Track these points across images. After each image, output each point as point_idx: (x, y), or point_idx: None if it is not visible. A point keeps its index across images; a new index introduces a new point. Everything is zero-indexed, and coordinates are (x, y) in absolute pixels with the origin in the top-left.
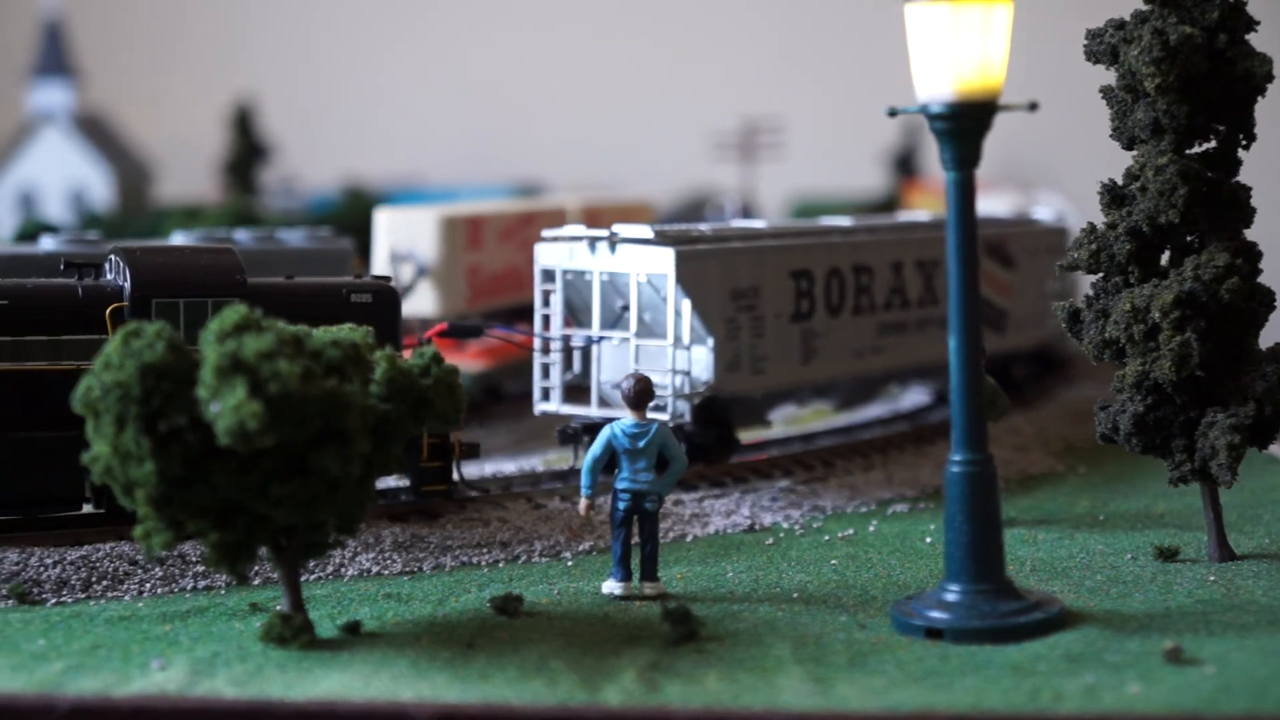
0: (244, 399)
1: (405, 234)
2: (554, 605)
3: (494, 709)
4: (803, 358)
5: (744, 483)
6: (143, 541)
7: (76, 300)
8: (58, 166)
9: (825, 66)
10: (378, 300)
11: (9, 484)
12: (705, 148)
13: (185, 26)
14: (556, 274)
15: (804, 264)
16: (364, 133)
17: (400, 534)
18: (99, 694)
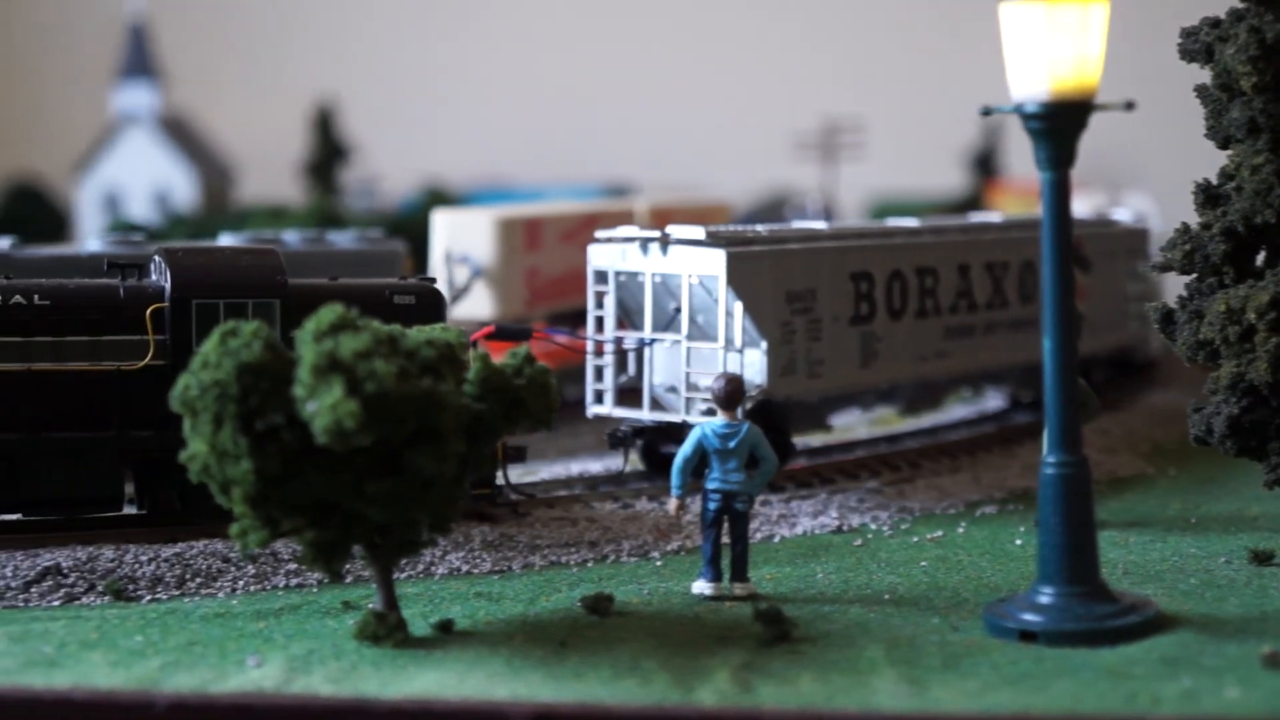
0: (341, 398)
1: (462, 236)
2: (644, 605)
3: (589, 708)
4: (862, 361)
5: (831, 484)
6: (239, 539)
7: (117, 301)
8: (142, 167)
9: (906, 65)
10: (421, 302)
11: (48, 484)
12: (786, 148)
13: (267, 28)
14: (609, 275)
15: (863, 266)
16: (446, 133)
17: (489, 533)
18: (197, 690)
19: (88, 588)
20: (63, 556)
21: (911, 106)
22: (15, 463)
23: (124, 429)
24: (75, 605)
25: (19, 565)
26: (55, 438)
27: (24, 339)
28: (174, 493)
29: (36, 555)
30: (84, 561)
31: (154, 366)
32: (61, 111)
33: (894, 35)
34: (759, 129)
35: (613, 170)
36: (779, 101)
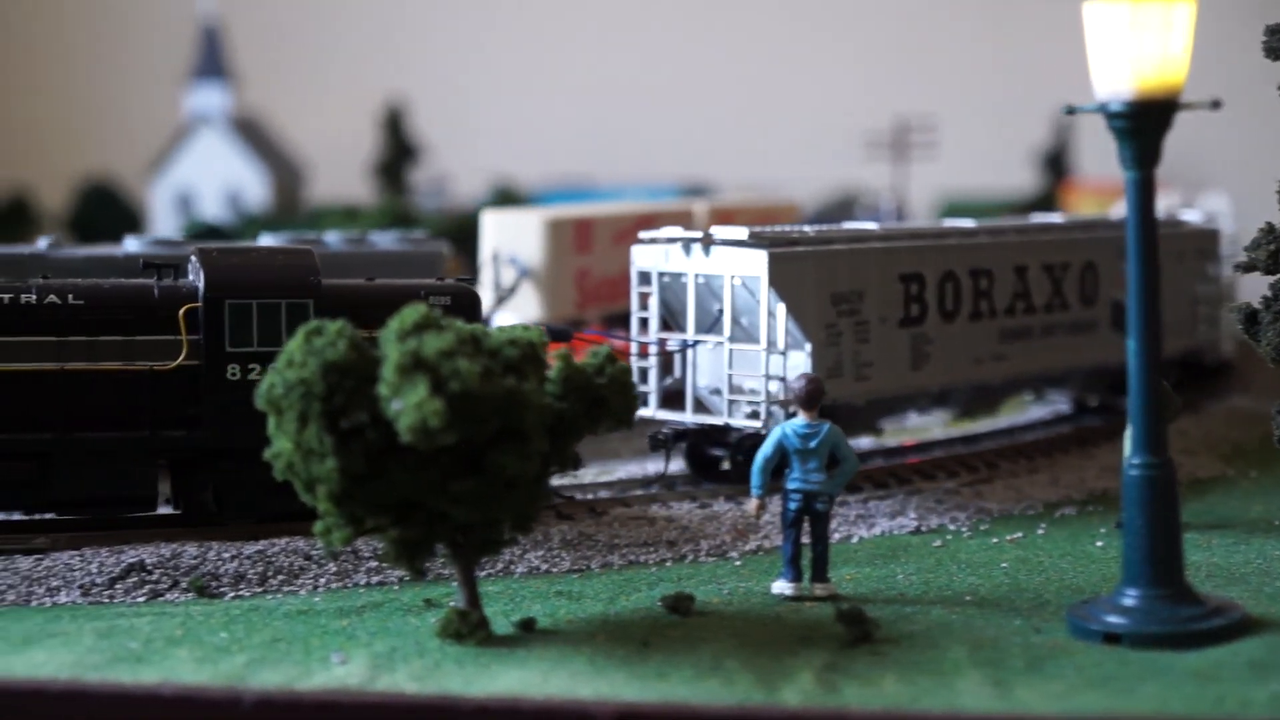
0: (426, 397)
1: (510, 236)
2: (725, 605)
3: (674, 708)
4: (913, 364)
5: (908, 484)
6: (323, 537)
7: (151, 301)
8: (214, 168)
9: (978, 63)
10: (457, 302)
11: (81, 484)
12: (858, 147)
13: (337, 29)
14: (653, 277)
15: (914, 267)
16: (518, 133)
17: (568, 532)
18: (283, 687)
19: (171, 584)
20: (147, 553)
21: (983, 105)
22: (49, 462)
23: (157, 429)
24: (159, 601)
25: (104, 562)
26: (88, 438)
27: (58, 339)
28: (208, 492)
29: (121, 552)
30: (168, 558)
31: (187, 366)
32: (135, 112)
33: (966, 33)
34: (832, 128)
35: (691, 170)
36: (851, 100)
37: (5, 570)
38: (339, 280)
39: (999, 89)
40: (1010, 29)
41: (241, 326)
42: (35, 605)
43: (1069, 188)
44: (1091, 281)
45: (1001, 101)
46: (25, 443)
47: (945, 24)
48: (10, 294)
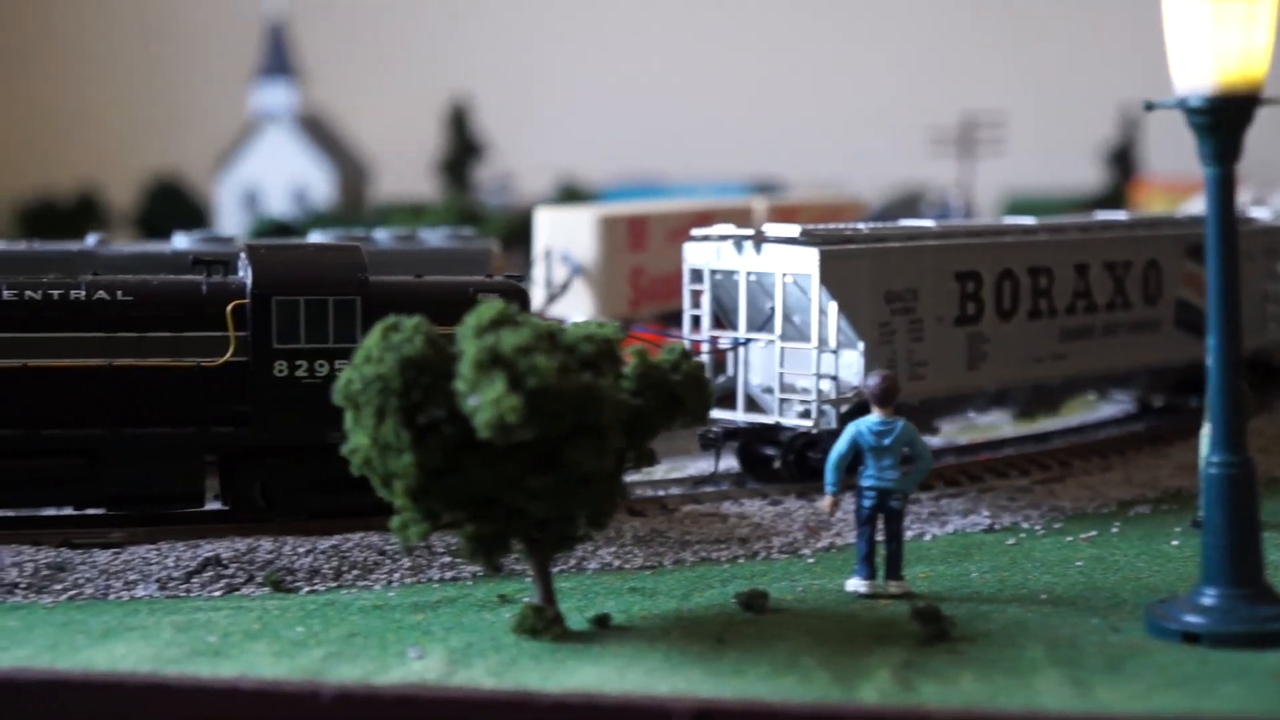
0: (503, 392)
1: (563, 233)
2: (799, 602)
3: (752, 705)
4: (969, 363)
5: (979, 481)
6: (400, 532)
7: (200, 297)
8: (281, 165)
9: (1045, 59)
10: (505, 299)
11: (129, 480)
12: (924, 144)
13: (403, 27)
14: (705, 274)
15: (970, 265)
16: (585, 131)
17: (640, 528)
18: (361, 681)
19: (247, 578)
20: (222, 548)
21: (1050, 101)
22: (97, 457)
23: (204, 425)
24: (235, 595)
25: (180, 556)
26: (136, 434)
27: (107, 335)
28: (256, 489)
29: (197, 546)
30: (243, 553)
31: (234, 363)
32: (202, 110)
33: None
34: (900, 125)
35: (762, 168)
36: (920, 97)
37: (83, 564)
38: (387, 277)
39: (1066, 85)
40: (1078, 25)
41: (289, 323)
42: (113, 599)
43: (1138, 185)
44: (1155, 280)
45: (1068, 97)
46: (75, 438)
47: (1012, 20)
48: (60, 290)
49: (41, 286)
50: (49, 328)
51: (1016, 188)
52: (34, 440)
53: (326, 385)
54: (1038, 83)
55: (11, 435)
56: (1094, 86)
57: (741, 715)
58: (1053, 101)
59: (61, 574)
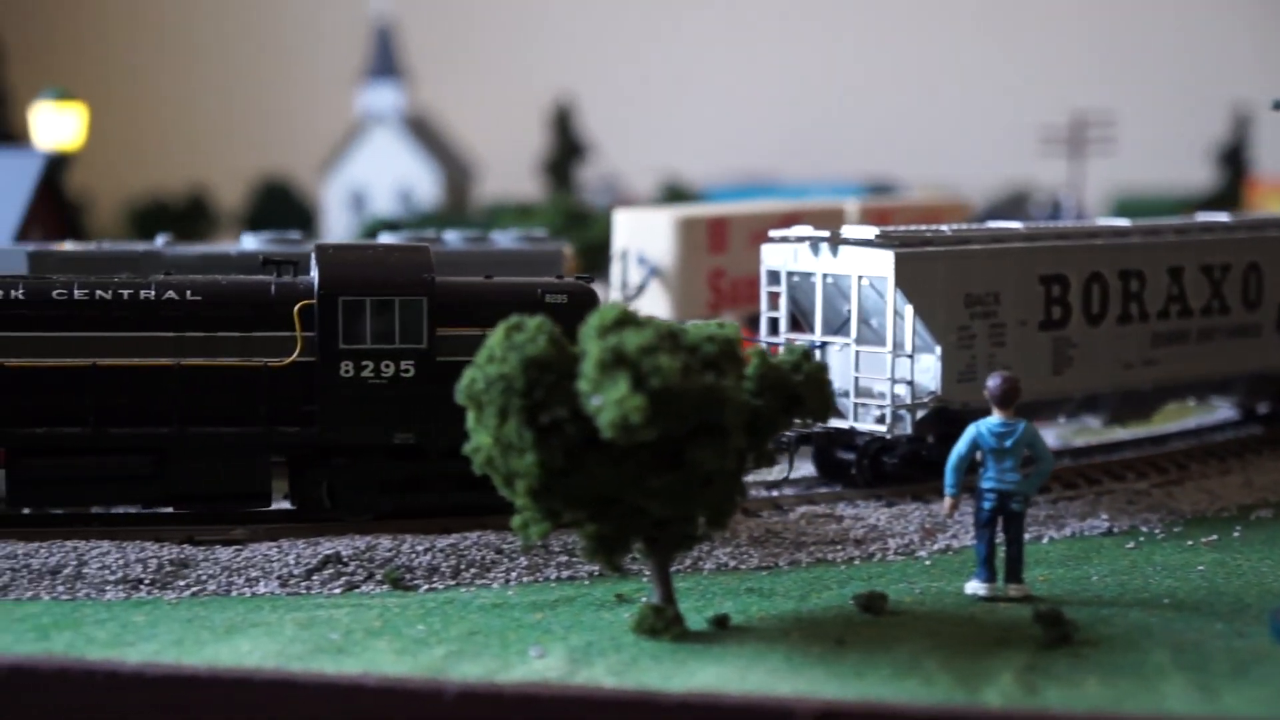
0: (627, 393)
1: (642, 235)
2: (918, 604)
3: (876, 707)
4: (1054, 368)
5: (1097, 484)
6: (521, 531)
7: (268, 297)
8: (387, 166)
9: (1156, 58)
10: (573, 301)
11: (196, 479)
12: (1033, 143)
13: (507, 28)
14: (782, 276)
15: (1056, 268)
16: (692, 130)
17: (755, 529)
18: (484, 680)
19: (366, 576)
20: (342, 545)
21: (1161, 100)
22: (165, 456)
23: (271, 425)
24: (355, 593)
25: (300, 553)
26: (203, 432)
27: (176, 334)
28: (322, 489)
29: (317, 544)
30: (362, 550)
31: (301, 363)
32: (310, 112)
33: (1145, 28)
34: (1011, 124)
35: (878, 168)
36: (1030, 96)
37: (205, 561)
38: (454, 278)
39: (1177, 83)
40: (1189, 22)
41: (355, 323)
42: (235, 595)
43: (1252, 185)
44: (1256, 283)
45: (1180, 96)
46: (143, 437)
47: (1124, 18)
48: (130, 289)
49: (112, 286)
50: (119, 327)
51: (1126, 188)
52: (102, 438)
53: (392, 386)
54: (1149, 81)
55: (80, 433)
56: (1206, 85)
57: (865, 717)
58: (1164, 100)
59: (185, 570)
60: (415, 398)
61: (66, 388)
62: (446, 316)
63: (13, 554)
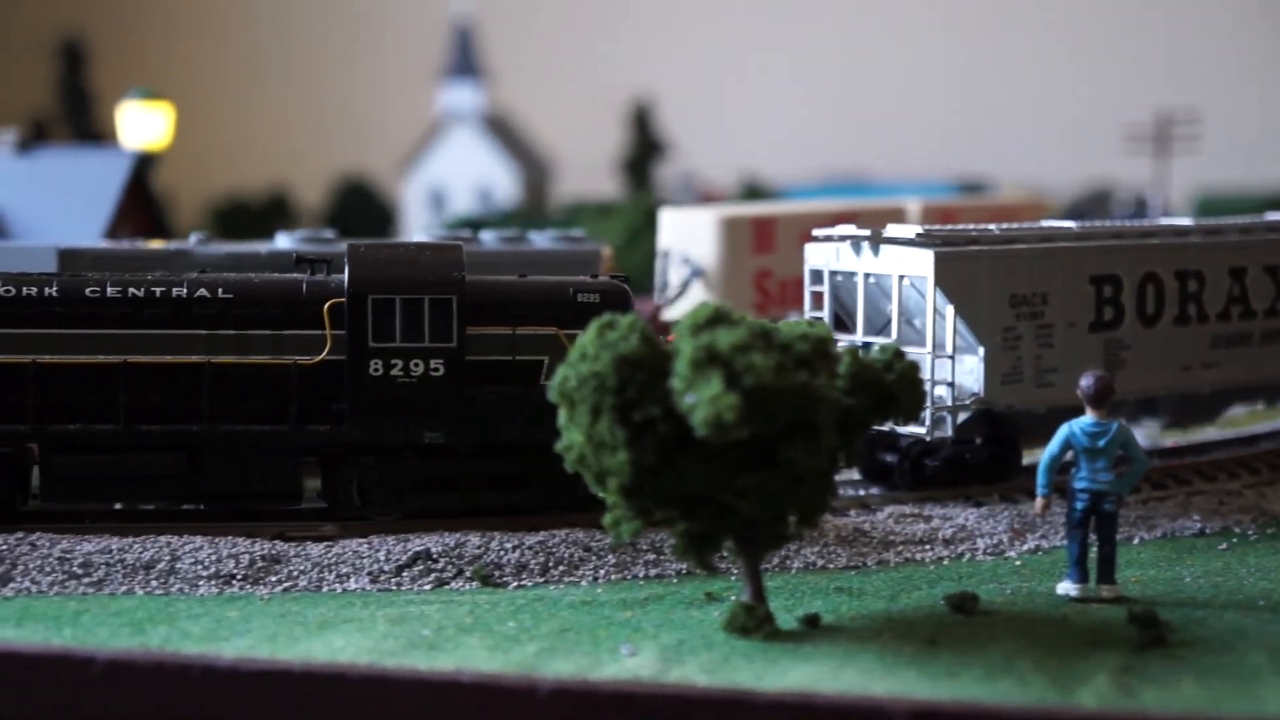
0: (720, 391)
1: (686, 235)
2: (1009, 605)
3: (971, 708)
4: (1105, 370)
5: (1187, 485)
6: (612, 529)
7: (299, 296)
8: (466, 164)
9: (1242, 54)
10: (605, 300)
11: (227, 477)
12: (1117, 141)
13: (586, 27)
14: (824, 275)
15: (1107, 268)
16: (773, 129)
17: (843, 528)
18: (577, 677)
19: (456, 573)
20: (431, 542)
21: (1247, 97)
22: (196, 453)
23: (301, 423)
24: (445, 590)
25: (390, 550)
26: (234, 430)
27: (208, 332)
28: (353, 488)
29: (406, 540)
30: (452, 547)
31: (331, 361)
32: (390, 111)
33: (1230, 23)
34: (1094, 122)
35: (969, 166)
36: (1115, 93)
37: (296, 556)
38: (485, 277)
39: (1264, 80)
40: (1274, 17)
41: (384, 322)
42: (326, 591)
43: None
44: None
45: (1267, 94)
46: (174, 434)
47: (1210, 15)
48: (162, 287)
49: (145, 284)
50: (151, 324)
51: (1212, 187)
52: (134, 435)
53: (421, 385)
54: (1235, 79)
55: (112, 430)
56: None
57: (959, 718)
58: (1251, 98)
59: (276, 566)
60: (445, 397)
61: (99, 385)
62: (477, 315)
63: (107, 549)
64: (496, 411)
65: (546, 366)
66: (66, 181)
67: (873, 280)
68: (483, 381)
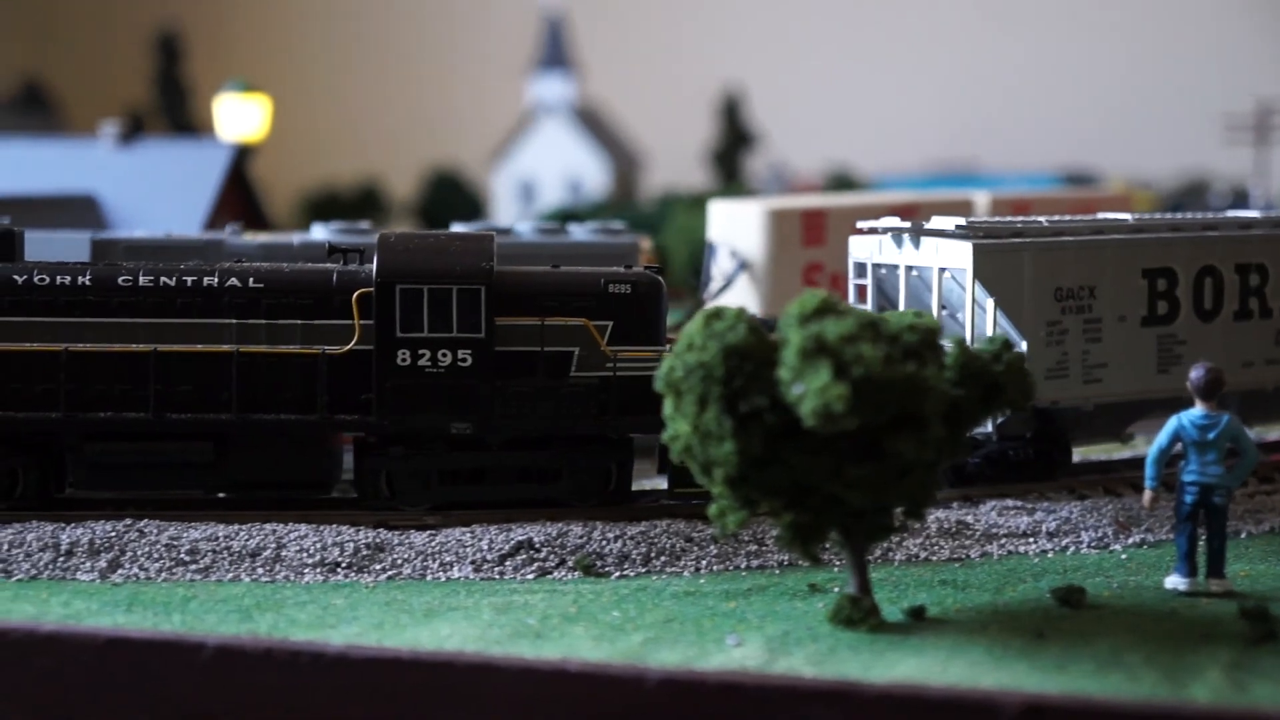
0: (829, 381)
1: (733, 227)
2: (1116, 599)
3: (1083, 702)
4: (1159, 366)
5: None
6: (717, 520)
7: (329, 286)
8: (556, 156)
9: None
10: (637, 291)
11: (255, 466)
12: (1217, 131)
13: (676, 19)
14: (868, 268)
15: (1161, 261)
16: (865, 120)
17: (945, 520)
18: (683, 667)
19: (558, 562)
20: (534, 531)
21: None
22: (225, 443)
23: (329, 413)
24: (548, 579)
25: (493, 539)
26: (263, 419)
27: (238, 321)
28: (381, 478)
29: (509, 530)
30: (554, 537)
31: (359, 351)
32: (481, 103)
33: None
34: (1193, 112)
35: (1079, 158)
36: (1213, 82)
37: (400, 545)
38: (515, 268)
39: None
40: None
41: (412, 312)
42: (430, 579)
43: None
44: None
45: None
46: (204, 423)
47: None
48: (194, 276)
49: (176, 273)
50: (182, 313)
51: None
52: (163, 424)
53: (449, 375)
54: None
55: (142, 418)
56: None
57: (1071, 712)
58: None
59: (380, 554)
60: (473, 388)
61: (130, 373)
62: (506, 306)
63: (213, 536)
64: (525, 403)
65: (576, 358)
66: (167, 173)
67: (915, 273)
68: (511, 373)
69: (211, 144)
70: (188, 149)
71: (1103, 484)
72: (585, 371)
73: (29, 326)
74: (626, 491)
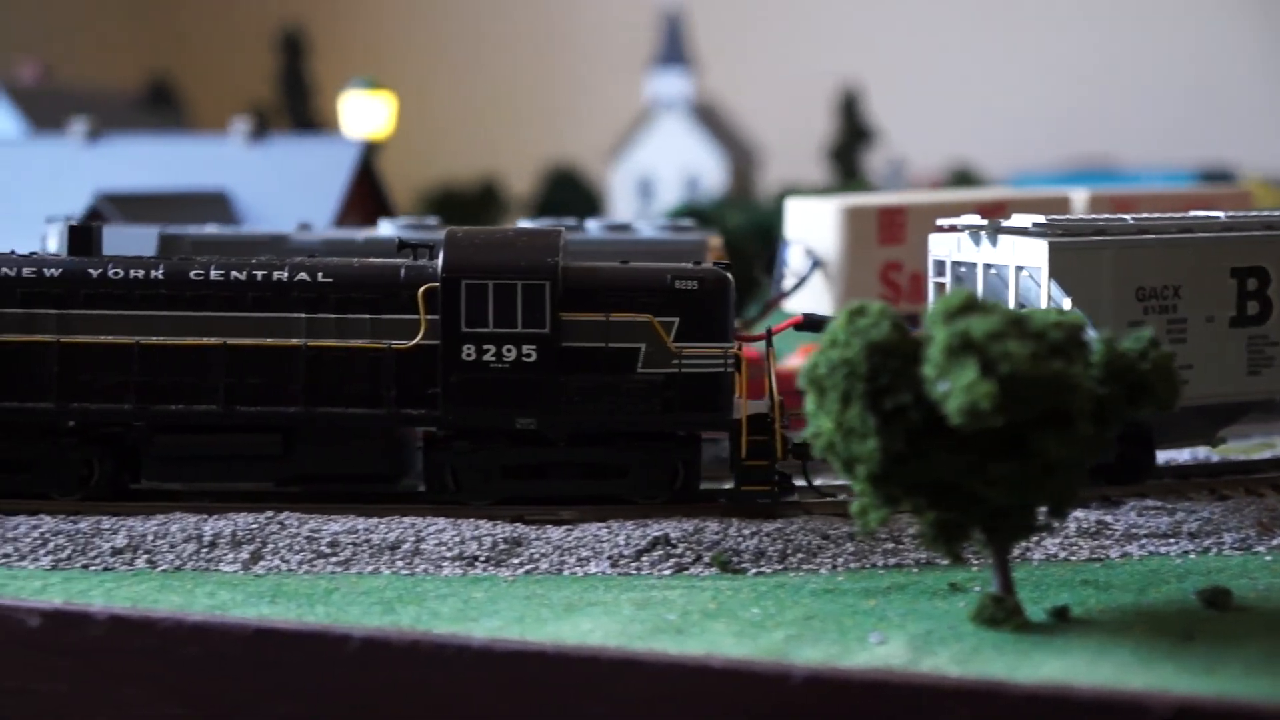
0: (976, 379)
1: (809, 224)
2: (1262, 600)
3: (1234, 705)
4: (1249, 368)
5: None
6: (859, 517)
7: (397, 281)
8: (674, 153)
9: None
10: (703, 288)
11: (322, 459)
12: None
13: (794, 14)
14: (947, 266)
15: (1251, 260)
16: (985, 116)
17: (1085, 520)
18: (828, 664)
19: (695, 558)
20: (670, 527)
21: None
22: (293, 436)
23: (395, 407)
24: (685, 575)
25: (630, 534)
26: (330, 413)
27: (307, 315)
28: (447, 472)
29: (645, 525)
30: (690, 533)
31: (425, 346)
32: (599, 100)
33: None
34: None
35: (1224, 153)
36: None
37: (538, 539)
38: (580, 263)
39: None
40: None
41: (477, 307)
42: (567, 574)
43: None
44: None
45: None
46: (271, 416)
47: None
48: (264, 271)
49: (247, 267)
50: (252, 307)
51: None
52: (232, 417)
53: (514, 370)
54: None
55: (211, 411)
56: None
57: (1223, 715)
58: None
59: (518, 549)
60: (537, 383)
61: (200, 366)
62: (572, 301)
63: (353, 529)
64: (589, 399)
65: (642, 354)
66: (297, 169)
67: (993, 271)
68: (576, 368)
69: (340, 141)
70: (317, 146)
71: (1244, 484)
72: (651, 368)
73: (103, 319)
74: (694, 489)
